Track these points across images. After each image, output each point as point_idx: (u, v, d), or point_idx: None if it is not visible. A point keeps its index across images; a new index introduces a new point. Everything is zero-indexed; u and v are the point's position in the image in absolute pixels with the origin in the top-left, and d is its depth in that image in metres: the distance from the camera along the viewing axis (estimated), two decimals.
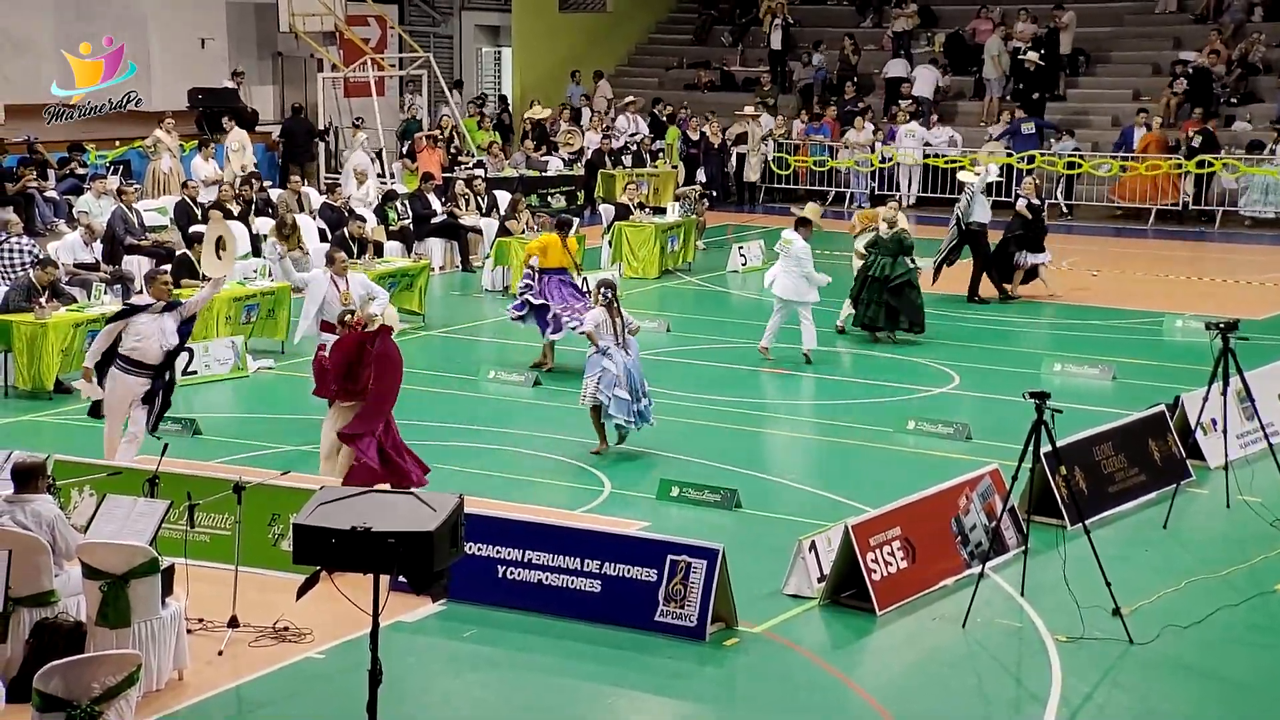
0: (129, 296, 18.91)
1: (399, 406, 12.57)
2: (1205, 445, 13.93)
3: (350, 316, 13.27)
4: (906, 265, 18.89)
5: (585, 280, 17.85)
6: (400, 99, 32.82)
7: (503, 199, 25.01)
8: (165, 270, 13.93)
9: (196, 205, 22.11)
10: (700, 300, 22.57)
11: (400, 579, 7.60)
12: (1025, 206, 21.62)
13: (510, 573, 10.65)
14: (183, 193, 22.75)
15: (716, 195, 30.68)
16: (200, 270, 17.30)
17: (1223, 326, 12.59)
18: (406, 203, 24.41)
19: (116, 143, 25.73)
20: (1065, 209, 29.69)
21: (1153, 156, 28.93)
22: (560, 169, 29.69)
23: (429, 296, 20.93)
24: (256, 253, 21.81)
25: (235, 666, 9.66)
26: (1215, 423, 13.63)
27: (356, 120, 29.24)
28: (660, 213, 24.81)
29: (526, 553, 10.63)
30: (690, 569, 10.18)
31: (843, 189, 31.32)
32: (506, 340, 18.32)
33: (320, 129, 29.90)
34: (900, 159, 30.68)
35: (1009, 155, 29.06)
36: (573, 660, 10.00)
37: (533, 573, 10.60)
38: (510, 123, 33.73)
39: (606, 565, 10.44)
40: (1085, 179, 29.94)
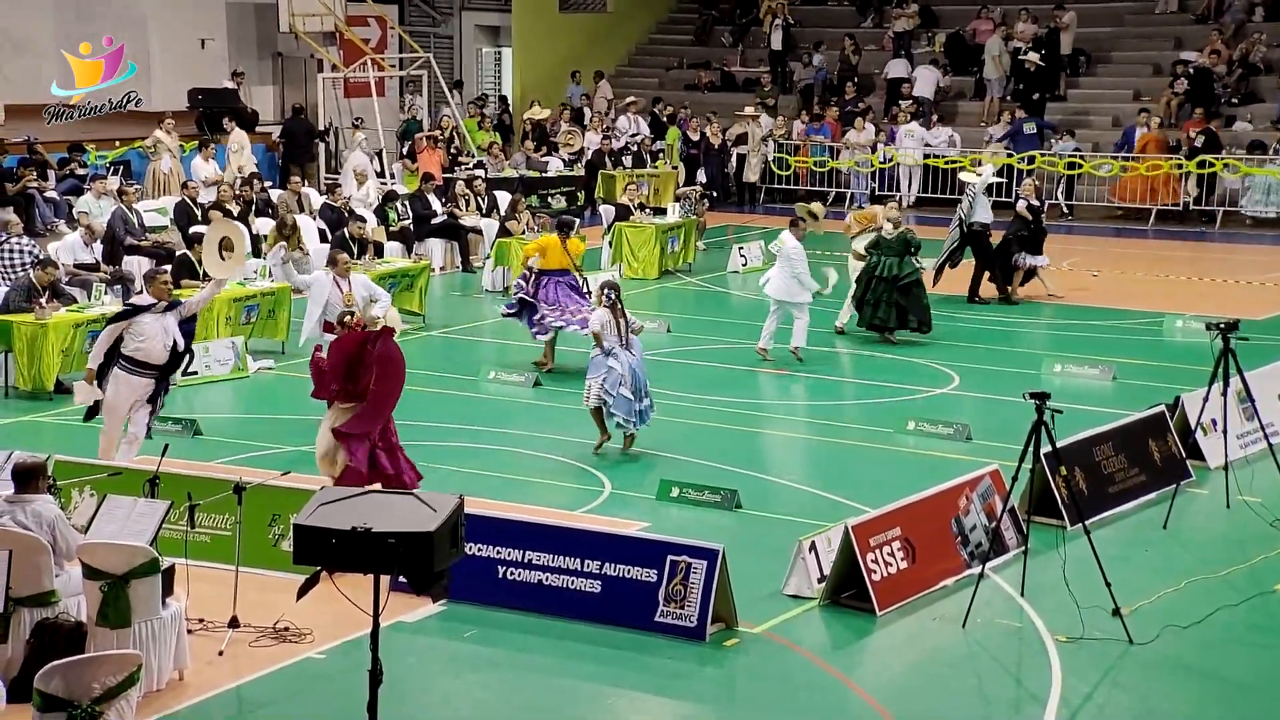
0: (129, 297, 18.89)
1: (400, 407, 12.55)
2: (1205, 445, 13.93)
3: (350, 317, 13.25)
4: (914, 265, 18.91)
5: (585, 281, 17.84)
6: (400, 99, 32.81)
7: (503, 199, 25.01)
8: (165, 270, 13.91)
9: (196, 206, 22.11)
10: (700, 301, 22.57)
11: (401, 579, 7.60)
12: (1025, 208, 21.61)
13: (510, 573, 10.66)
14: (183, 193, 22.76)
15: (716, 196, 30.67)
16: (200, 270, 17.35)
17: (1223, 327, 12.59)
18: (407, 203, 24.40)
19: (116, 143, 25.73)
20: (1065, 209, 29.69)
21: (1153, 157, 28.92)
22: (560, 169, 29.68)
23: (429, 297, 20.93)
24: (256, 253, 21.80)
25: (236, 667, 9.66)
26: (1215, 423, 13.63)
27: (356, 120, 29.24)
28: (660, 213, 24.80)
29: (527, 553, 10.63)
30: (690, 569, 10.18)
31: (843, 189, 31.32)
32: (507, 341, 18.32)
33: (320, 129, 29.90)
34: (900, 159, 30.67)
35: (1009, 156, 29.08)
36: (573, 661, 10.01)
37: (533, 573, 10.61)
38: (510, 123, 33.73)
39: (607, 566, 10.44)
40: (1085, 179, 29.93)
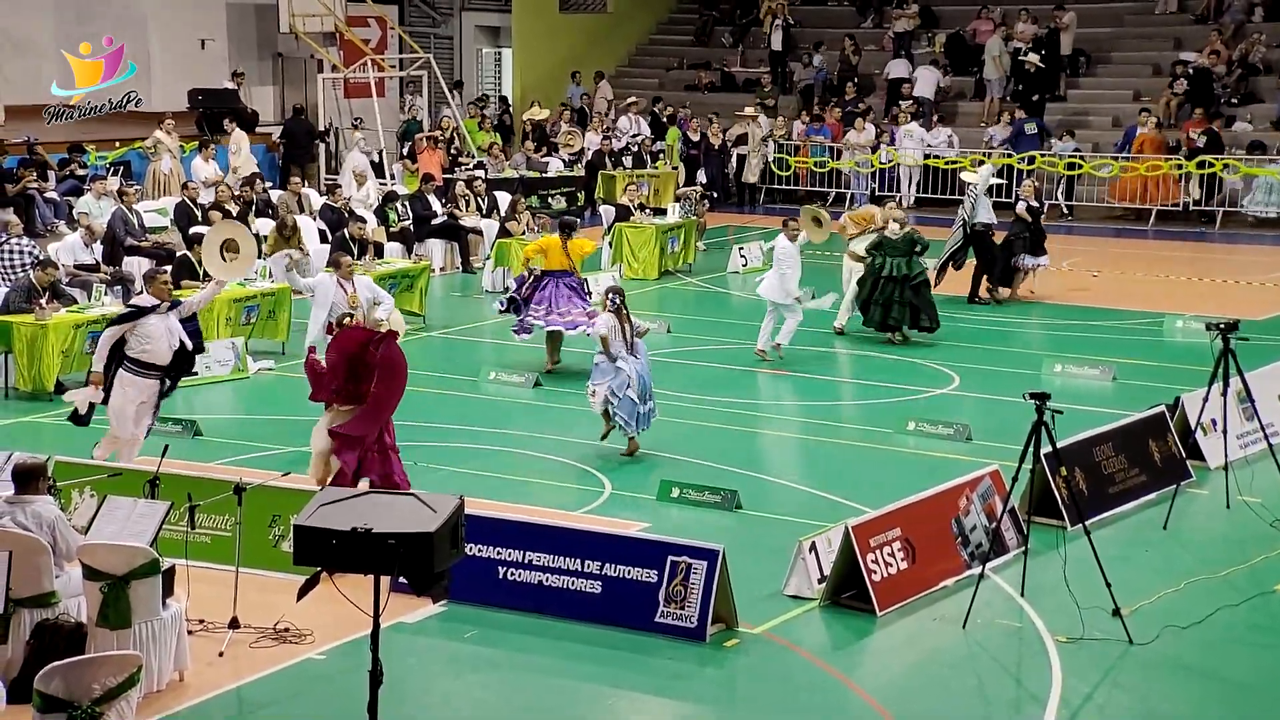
0: (129, 298, 18.91)
1: (400, 408, 12.48)
2: (1205, 446, 13.93)
3: (349, 319, 13.22)
4: (921, 265, 18.94)
5: (585, 282, 17.83)
6: (400, 100, 32.81)
7: (503, 200, 25.02)
8: (165, 270, 13.92)
9: (197, 206, 22.12)
10: (701, 301, 22.57)
11: (401, 580, 7.60)
12: (1025, 209, 21.61)
13: (511, 574, 10.66)
14: (183, 194, 22.77)
15: (717, 196, 30.67)
16: (200, 271, 17.36)
17: (1223, 327, 12.59)
18: (407, 204, 24.41)
19: (116, 144, 25.73)
20: (1065, 209, 29.69)
21: (1151, 157, 28.91)
22: (560, 170, 29.69)
23: (429, 297, 20.93)
24: (256, 254, 21.83)
25: (236, 667, 9.66)
26: (1215, 423, 13.62)
27: (356, 120, 29.24)
28: (661, 214, 24.82)
29: (527, 554, 10.63)
30: (690, 570, 10.18)
31: (843, 190, 31.31)
32: (507, 341, 18.31)
33: (321, 130, 29.89)
34: (900, 160, 30.67)
35: (1008, 156, 29.07)
36: (573, 661, 10.01)
37: (533, 574, 10.61)
38: (511, 124, 33.73)
39: (607, 566, 10.44)
40: (1085, 179, 29.93)
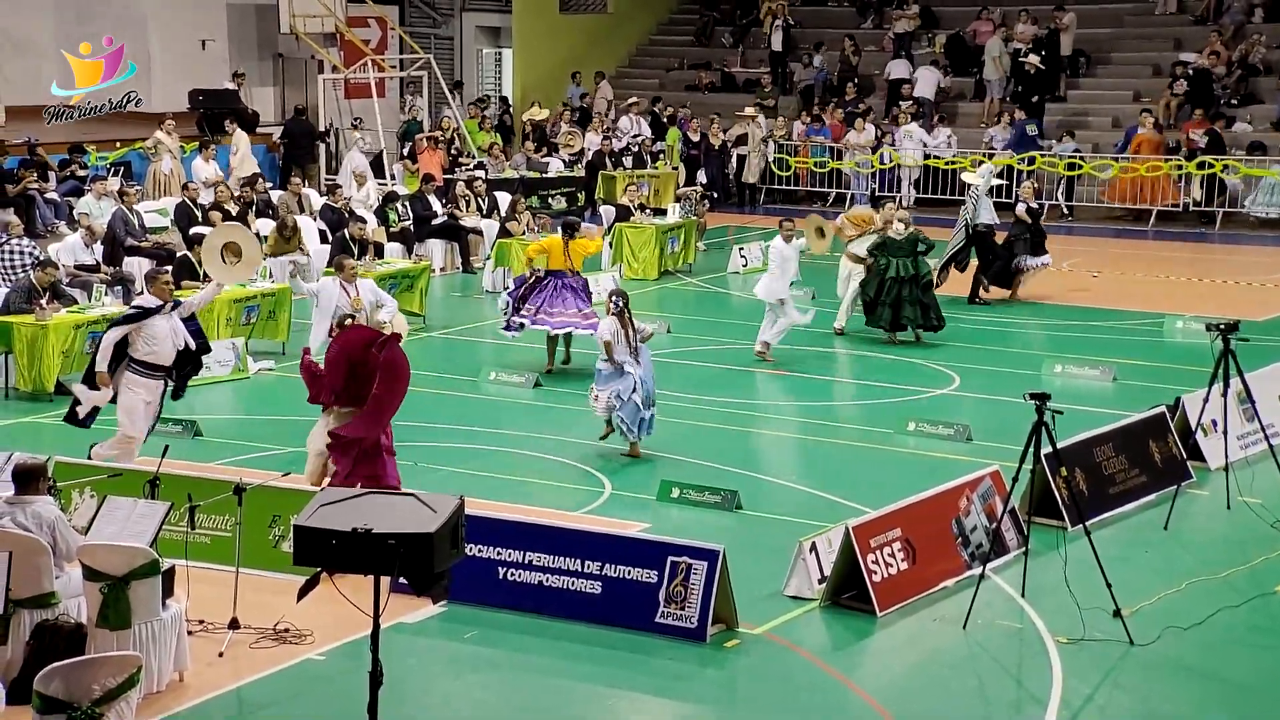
0: (129, 298, 18.90)
1: (400, 408, 12.49)
2: (1206, 446, 13.93)
3: (350, 321, 13.21)
4: (928, 264, 18.97)
5: (587, 283, 17.80)
6: (401, 100, 32.80)
7: (503, 200, 25.03)
8: (166, 270, 13.93)
9: (197, 207, 22.12)
10: (701, 301, 22.57)
11: (401, 580, 7.60)
12: (1025, 211, 21.61)
13: (511, 574, 10.65)
14: (183, 194, 22.76)
15: (717, 196, 30.66)
16: (201, 271, 17.36)
17: (1223, 328, 12.59)
18: (407, 204, 24.41)
19: (117, 144, 25.73)
20: (1065, 210, 29.68)
21: (1151, 158, 28.90)
22: (561, 170, 29.68)
23: (430, 298, 20.93)
24: None
25: (236, 668, 9.66)
26: (1216, 424, 13.63)
27: (355, 121, 29.23)
28: (661, 214, 24.81)
29: (527, 554, 10.63)
30: (691, 570, 10.18)
31: (844, 190, 31.30)
32: (507, 341, 18.31)
33: (321, 130, 29.89)
34: (900, 160, 30.65)
35: (1009, 157, 29.06)
36: (573, 662, 10.01)
37: (533, 574, 10.61)
38: (511, 124, 33.73)
39: (607, 567, 10.44)
40: (1085, 180, 29.93)
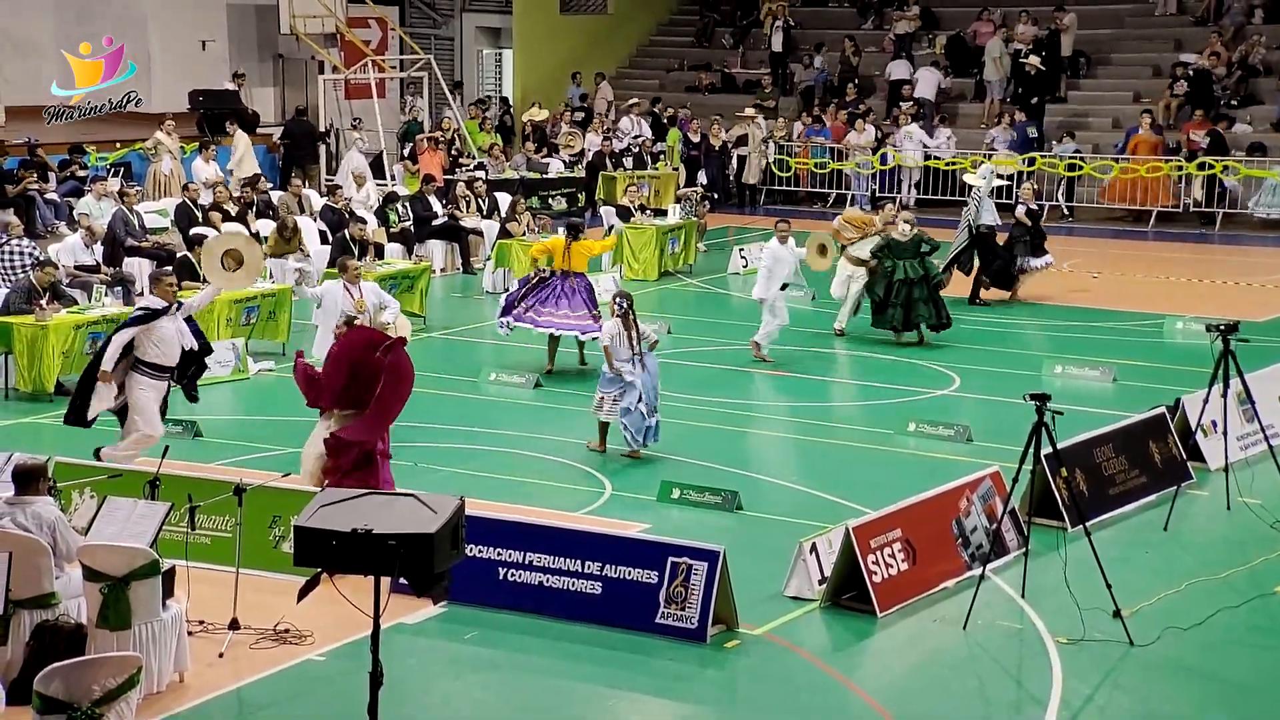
0: (130, 299, 18.93)
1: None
2: (1206, 447, 13.93)
3: (354, 321, 13.21)
4: (934, 264, 19.01)
5: (590, 286, 17.79)
6: (401, 101, 32.80)
7: (504, 201, 25.03)
8: (170, 271, 13.99)
9: (197, 207, 22.13)
10: (701, 302, 22.57)
11: (401, 581, 7.60)
12: (1025, 213, 21.62)
13: (511, 575, 10.65)
14: (183, 195, 22.77)
15: (717, 197, 30.66)
16: (201, 273, 17.37)
17: (1223, 329, 12.59)
18: (407, 205, 24.41)
19: (117, 145, 25.73)
20: (1065, 211, 29.69)
21: (1150, 159, 28.90)
22: (561, 171, 29.68)
23: (430, 298, 20.93)
24: None
25: (236, 668, 9.66)
26: (1216, 425, 13.62)
27: (355, 121, 29.22)
28: (661, 215, 24.81)
29: (527, 555, 10.63)
30: (691, 571, 10.18)
31: (844, 191, 31.29)
32: (507, 342, 18.32)
33: (321, 131, 29.89)
34: (901, 161, 30.65)
35: (1010, 158, 29.07)
36: (573, 662, 10.01)
37: (534, 575, 10.60)
38: (512, 125, 33.73)
39: (607, 567, 10.43)
40: (1086, 181, 29.93)
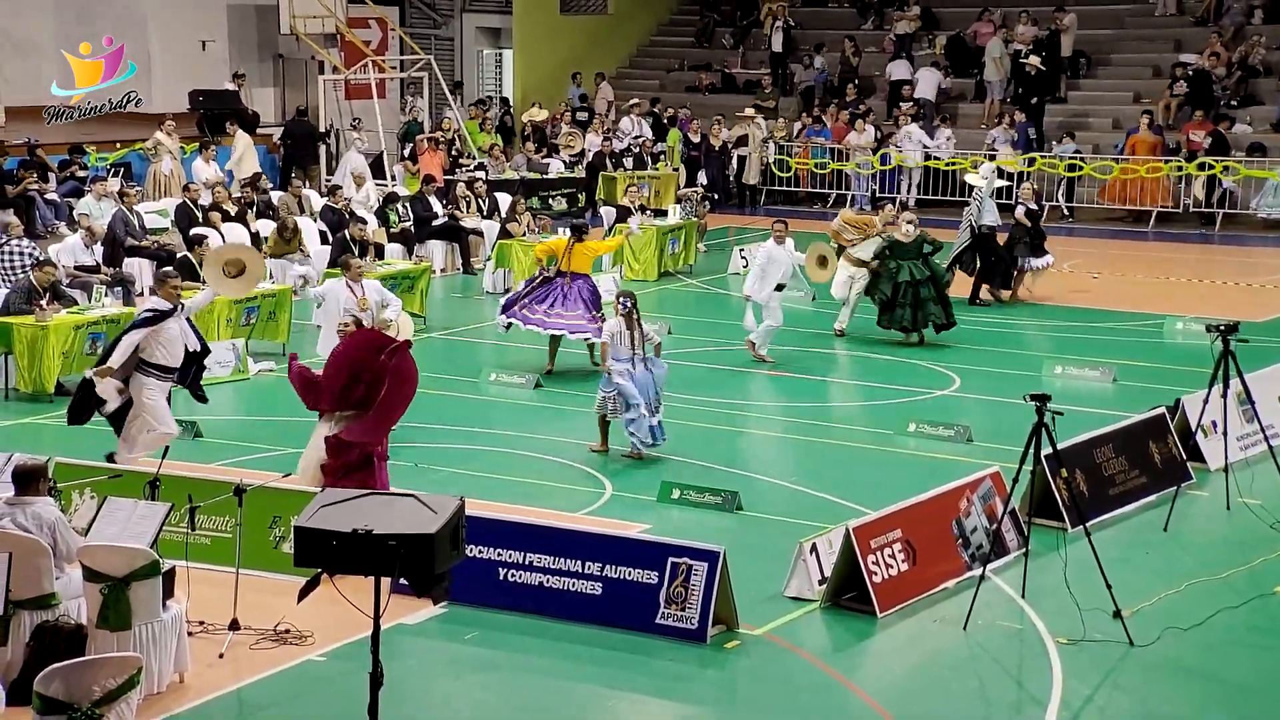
0: (130, 299, 18.95)
1: None
2: (1206, 447, 13.92)
3: (355, 321, 13.21)
4: (939, 263, 19.04)
5: (594, 289, 17.78)
6: (401, 101, 32.80)
7: (504, 201, 25.03)
8: (175, 273, 14.05)
9: (197, 208, 22.14)
10: (701, 302, 22.56)
11: (401, 581, 7.60)
12: (1024, 214, 21.62)
13: (511, 575, 10.66)
14: (184, 195, 22.78)
15: (717, 198, 30.66)
16: (201, 274, 17.39)
17: (1223, 329, 12.59)
18: (408, 205, 24.41)
19: (117, 145, 25.74)
20: (1065, 211, 29.69)
21: (1150, 159, 28.89)
22: (561, 171, 29.68)
23: (430, 299, 20.93)
24: None
25: (236, 669, 9.66)
26: (1216, 425, 13.62)
27: (354, 122, 29.22)
28: (661, 215, 24.81)
29: (527, 555, 10.63)
30: (691, 571, 10.18)
31: (844, 191, 31.29)
32: (507, 343, 18.32)
33: (321, 131, 29.88)
34: (901, 161, 30.64)
35: (1011, 159, 29.07)
36: (573, 663, 10.01)
37: (534, 575, 10.61)
38: (512, 125, 33.73)
39: (607, 568, 10.44)
40: (1086, 181, 29.93)
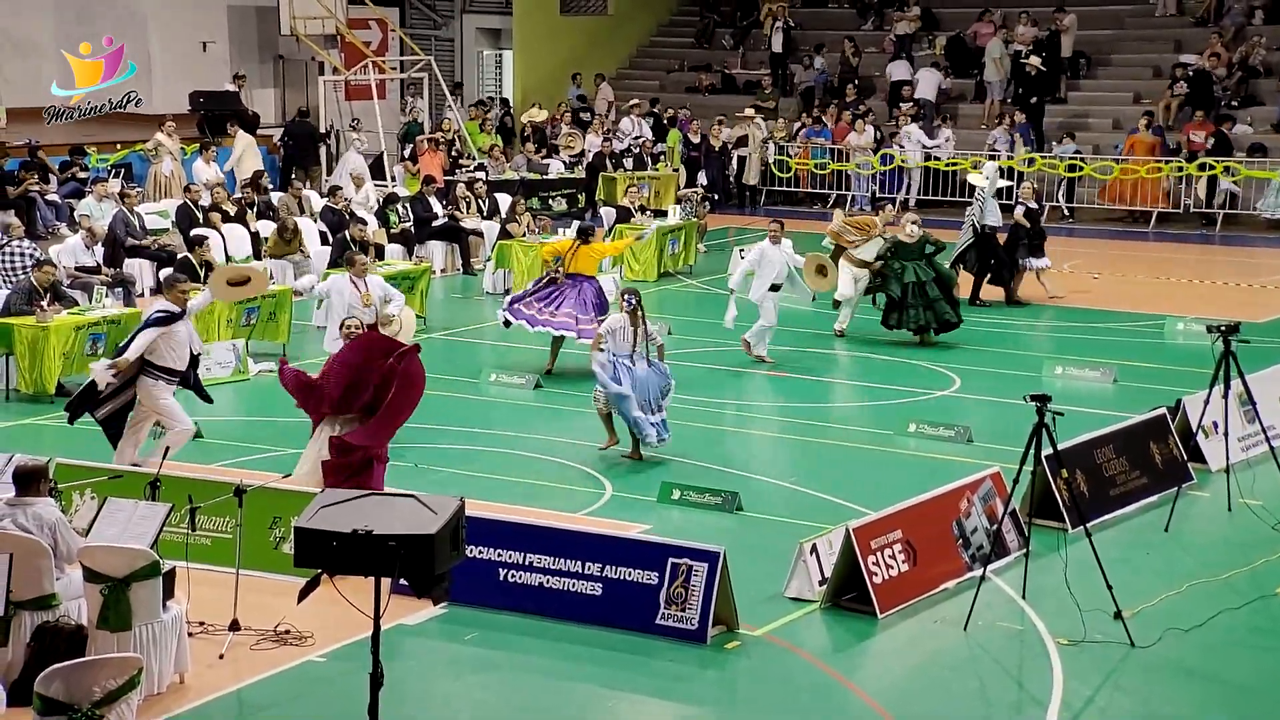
0: (130, 300, 18.97)
1: None
2: (1206, 448, 13.92)
3: (373, 328, 13.28)
4: (944, 263, 19.07)
5: (599, 291, 17.78)
6: (401, 102, 32.80)
7: (504, 202, 25.03)
8: (184, 277, 14.11)
9: (198, 208, 22.15)
10: (701, 303, 22.53)
11: (401, 582, 7.60)
12: (1024, 214, 21.64)
13: (511, 575, 10.66)
14: (184, 196, 22.79)
15: (717, 198, 30.65)
16: (202, 274, 17.41)
17: (1224, 329, 12.59)
18: (408, 205, 24.41)
19: (117, 146, 25.74)
20: (1065, 211, 29.69)
21: (1149, 159, 28.89)
22: (561, 172, 29.67)
23: (430, 299, 20.93)
24: (257, 255, 21.86)
25: (236, 669, 9.66)
26: (1216, 425, 13.63)
27: (353, 122, 29.22)
28: (661, 215, 24.80)
29: (528, 556, 10.63)
30: (691, 572, 10.18)
31: (844, 192, 31.29)
32: (508, 343, 18.32)
33: (322, 132, 29.88)
34: (903, 162, 30.64)
35: (1011, 159, 29.08)
36: (573, 663, 10.01)
37: (534, 576, 10.61)
38: (512, 125, 33.73)
39: (608, 568, 10.43)
40: (1086, 182, 29.93)
